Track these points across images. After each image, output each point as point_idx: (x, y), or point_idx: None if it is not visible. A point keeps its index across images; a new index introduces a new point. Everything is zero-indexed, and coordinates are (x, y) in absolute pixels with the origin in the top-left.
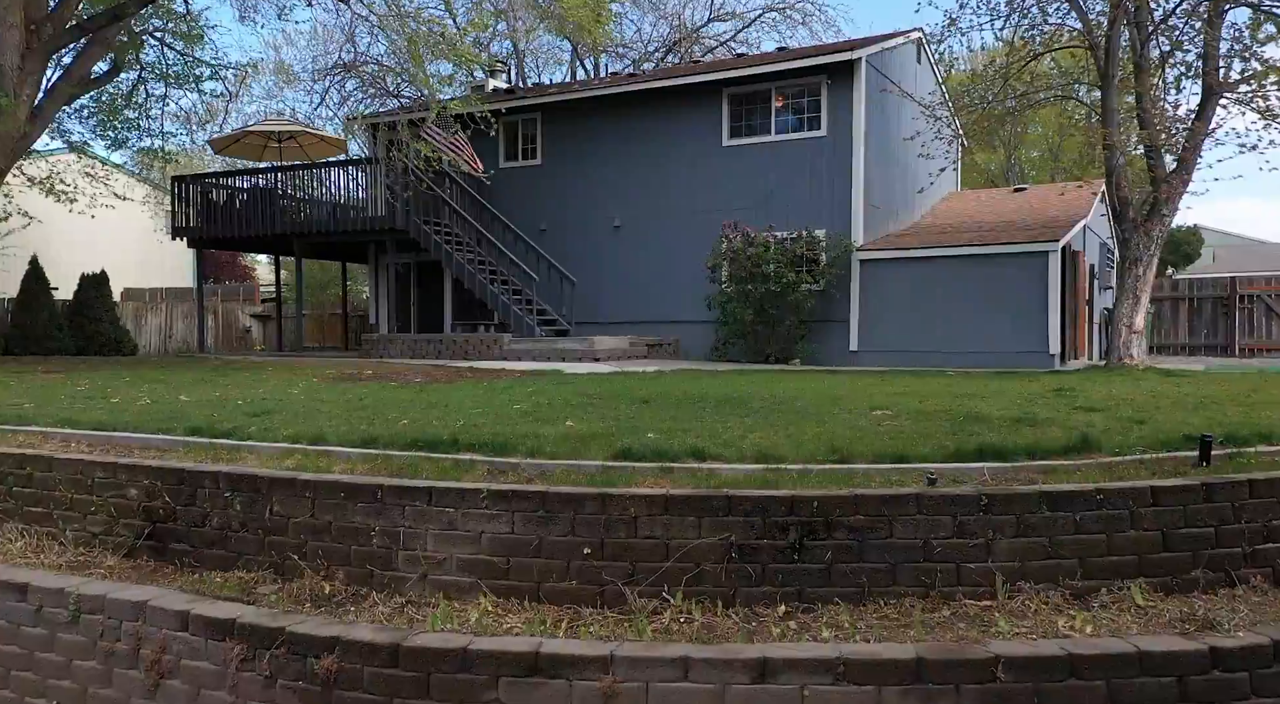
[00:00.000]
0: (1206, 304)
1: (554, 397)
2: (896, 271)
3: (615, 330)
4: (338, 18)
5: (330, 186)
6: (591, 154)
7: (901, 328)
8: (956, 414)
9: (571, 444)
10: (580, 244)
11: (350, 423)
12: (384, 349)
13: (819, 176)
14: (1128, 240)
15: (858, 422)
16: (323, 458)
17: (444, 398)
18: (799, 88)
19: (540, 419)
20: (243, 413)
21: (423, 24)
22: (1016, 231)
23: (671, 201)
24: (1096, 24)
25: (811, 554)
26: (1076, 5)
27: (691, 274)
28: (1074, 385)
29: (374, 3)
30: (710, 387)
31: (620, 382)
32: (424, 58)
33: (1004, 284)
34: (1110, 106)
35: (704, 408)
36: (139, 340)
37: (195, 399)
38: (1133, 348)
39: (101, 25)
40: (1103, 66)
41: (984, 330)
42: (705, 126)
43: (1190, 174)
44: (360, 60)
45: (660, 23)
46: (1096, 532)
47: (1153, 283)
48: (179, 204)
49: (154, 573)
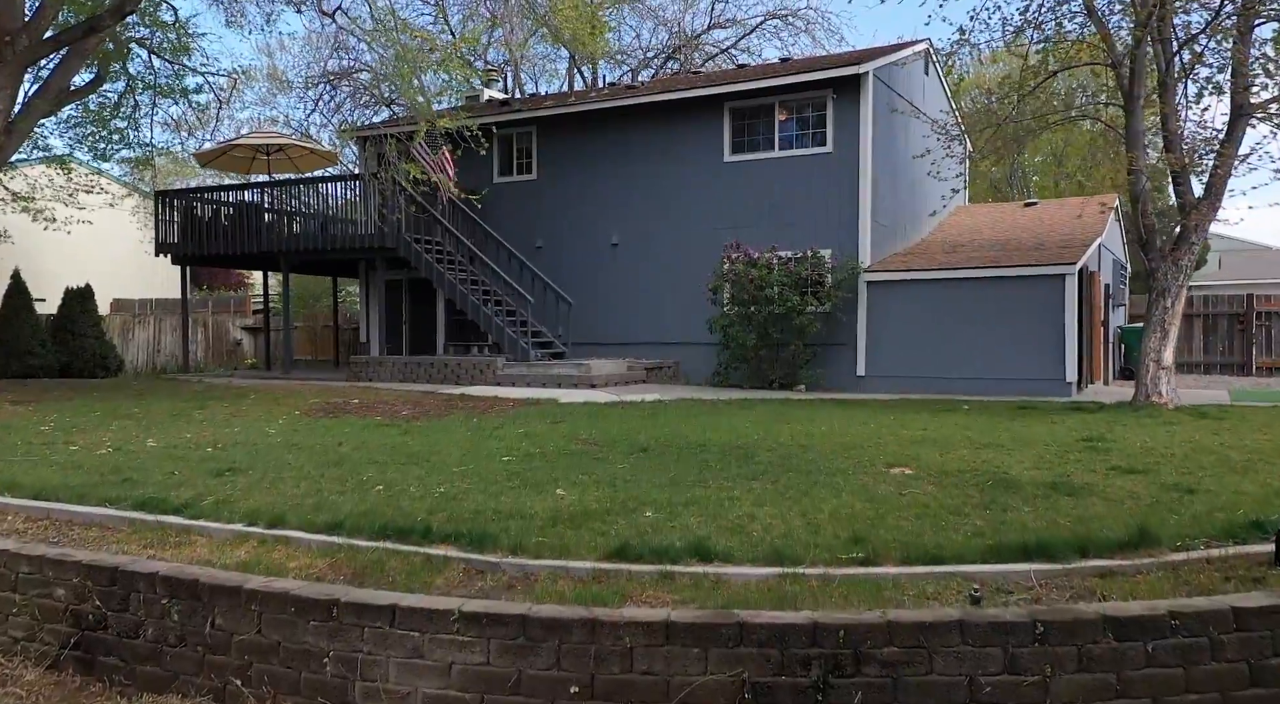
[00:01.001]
0: (1222, 321)
1: (546, 443)
2: (905, 294)
3: (613, 352)
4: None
5: (318, 203)
6: (588, 169)
7: (910, 352)
8: (983, 474)
9: (560, 531)
10: (577, 262)
11: (319, 489)
12: (373, 372)
13: (824, 194)
14: (1155, 270)
15: (876, 487)
16: (279, 547)
17: (428, 444)
18: (803, 102)
19: (528, 483)
20: (207, 470)
21: (412, 37)
22: (1030, 253)
23: (671, 219)
24: (1119, 39)
25: (839, 694)
26: (1097, 19)
27: (692, 294)
28: (1103, 432)
29: (360, 17)
30: (712, 428)
31: (617, 418)
32: (412, 73)
33: (1018, 308)
34: (1135, 128)
35: (707, 461)
36: (126, 355)
37: (163, 444)
38: (1161, 385)
39: (78, 37)
40: (1126, 86)
41: (997, 356)
42: (706, 141)
43: (1219, 199)
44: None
45: (659, 29)
46: (1172, 665)
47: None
48: (163, 220)
49: (79, 692)
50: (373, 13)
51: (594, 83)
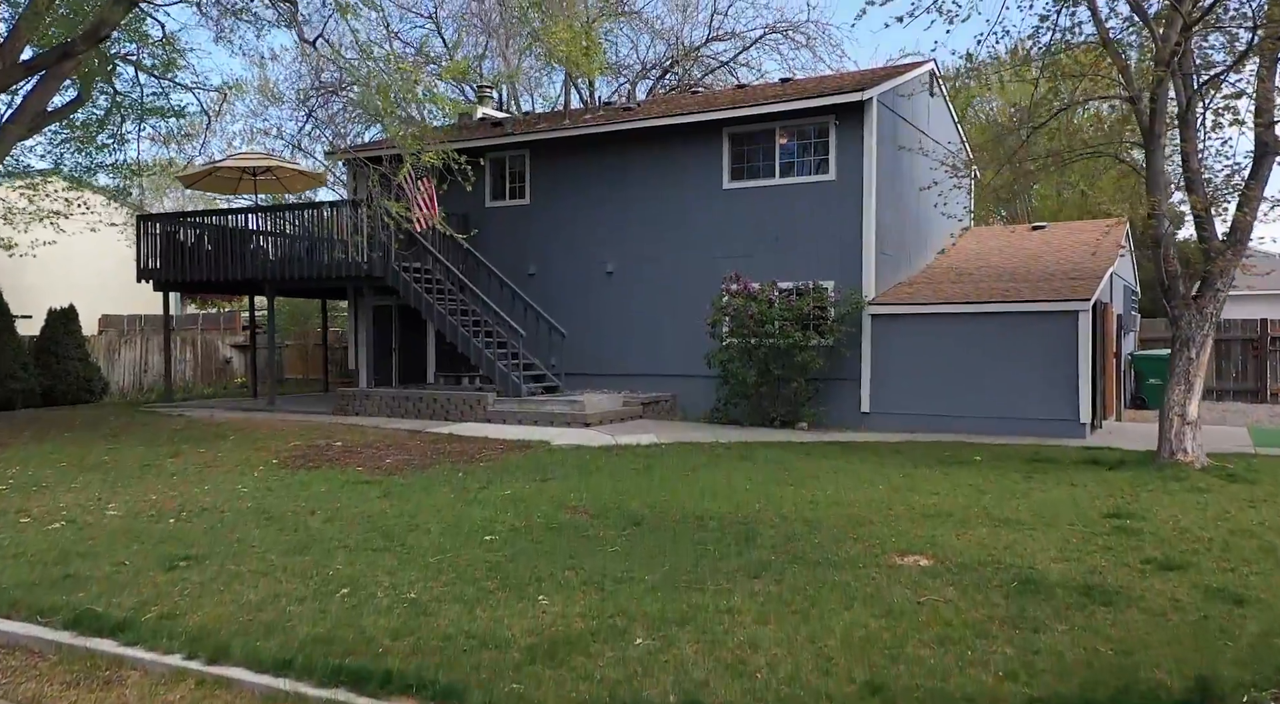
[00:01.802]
0: (1235, 346)
1: (533, 512)
2: (911, 328)
3: (608, 383)
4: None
5: (304, 229)
6: (583, 194)
7: (917, 389)
8: (1005, 570)
9: (538, 671)
10: (571, 289)
11: (278, 594)
12: (361, 405)
13: (827, 223)
14: (1178, 319)
15: (891, 592)
16: (219, 691)
17: (407, 513)
18: (805, 128)
19: (509, 582)
20: (161, 559)
21: (396, 68)
22: (1041, 285)
23: (668, 247)
24: (1138, 74)
25: None
26: (1112, 51)
27: (690, 325)
28: (1128, 503)
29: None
30: (710, 490)
31: (610, 471)
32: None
33: (1029, 345)
34: (1156, 168)
35: (704, 543)
36: (112, 376)
37: (125, 511)
38: (1186, 441)
39: (52, 62)
40: (1146, 123)
41: (1008, 394)
42: (704, 167)
43: (1245, 244)
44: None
45: (657, 42)
46: None
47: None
48: (144, 244)
49: None
50: (355, 41)
51: (591, 97)
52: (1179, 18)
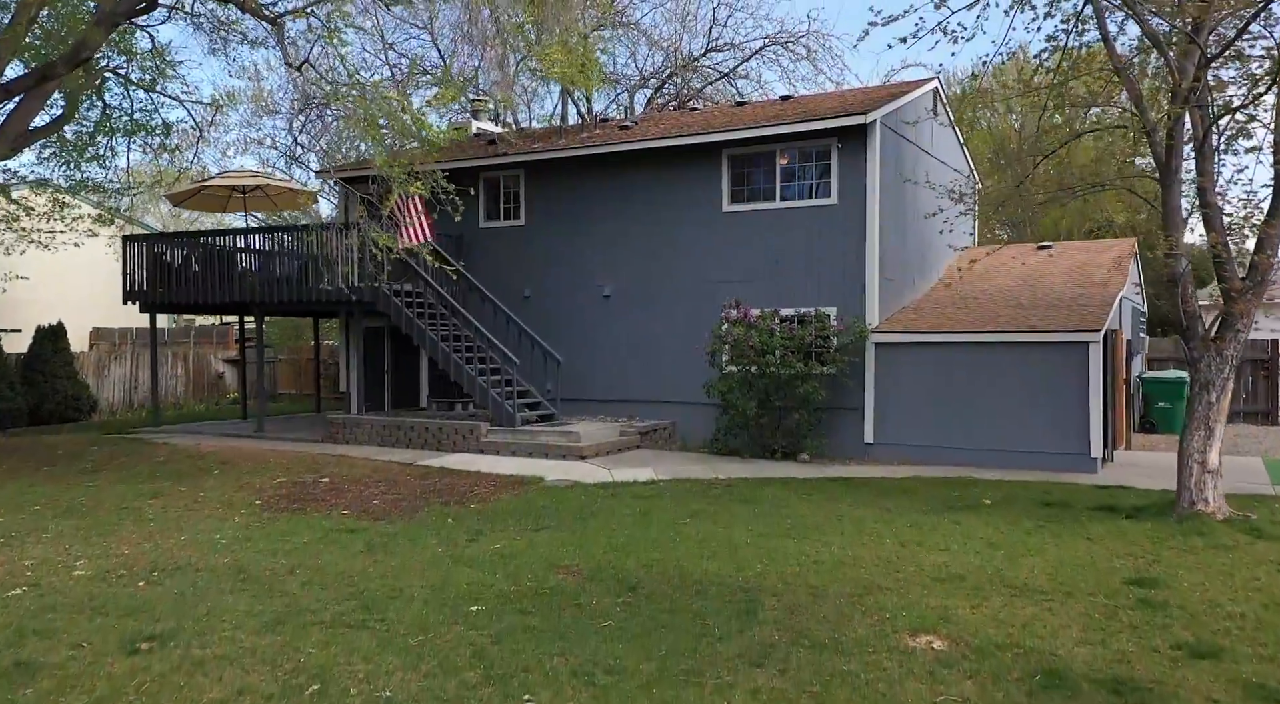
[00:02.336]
0: (1245, 367)
1: (522, 574)
2: (916, 357)
3: (605, 410)
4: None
5: (294, 251)
6: (580, 215)
7: (922, 420)
8: (1026, 655)
9: None
10: (567, 313)
11: (241, 688)
12: (351, 433)
13: (829, 248)
14: (1197, 361)
15: (904, 689)
16: None
17: (390, 575)
18: (806, 149)
19: (493, 673)
20: (123, 640)
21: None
22: (1049, 313)
23: (667, 270)
24: (1148, 94)
25: None
26: (1126, 80)
27: (689, 350)
28: (1152, 569)
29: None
30: (709, 547)
31: (605, 519)
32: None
33: (1037, 376)
34: (1173, 204)
35: (704, 619)
36: (102, 393)
37: (95, 571)
38: (1207, 491)
39: (30, 86)
40: (1162, 156)
41: (1016, 427)
42: (703, 189)
43: (1266, 284)
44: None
45: (654, 52)
46: None
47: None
48: (131, 265)
49: None
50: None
51: (589, 109)
52: (1196, 49)
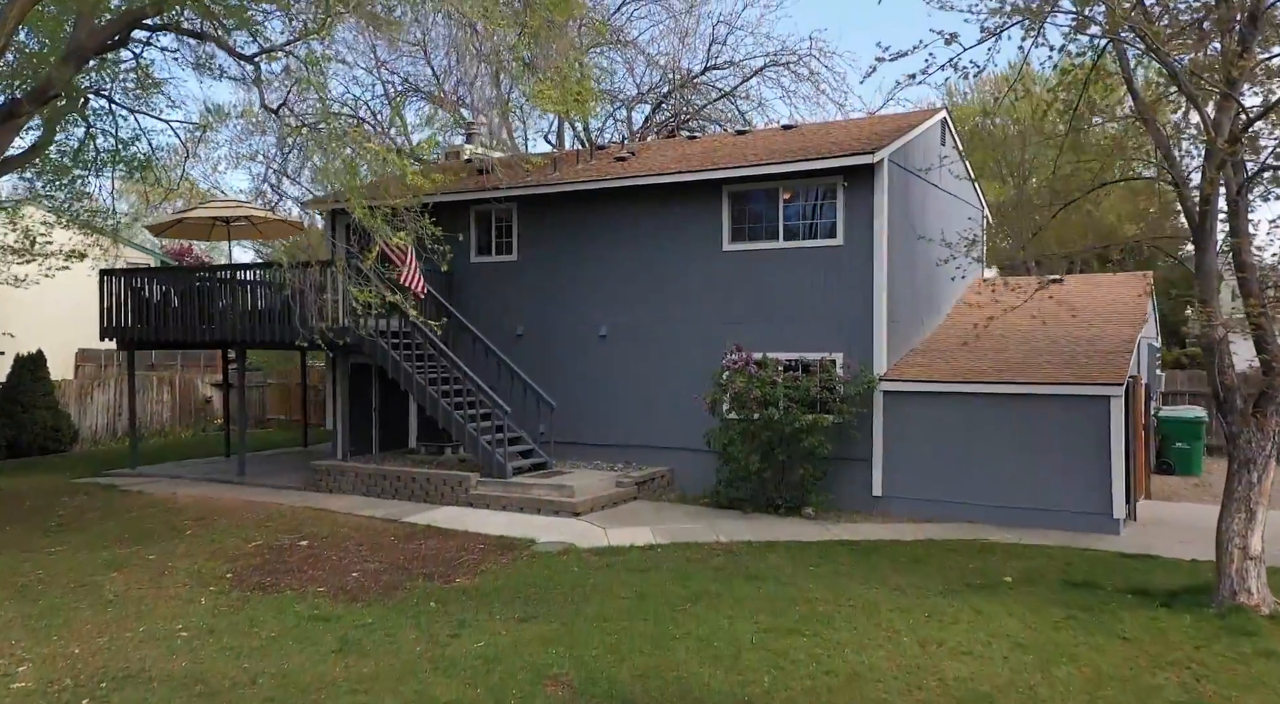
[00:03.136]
0: None
1: (507, 680)
2: (926, 407)
3: (600, 454)
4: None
5: (274, 290)
6: (575, 251)
7: (932, 473)
8: None
9: None
10: (562, 352)
11: None
12: (335, 482)
13: (835, 291)
14: (1235, 436)
15: None
16: None
17: (363, 683)
18: (811, 187)
19: None
20: None
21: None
22: (1067, 361)
23: (666, 310)
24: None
25: None
26: (1154, 131)
27: (688, 394)
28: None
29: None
30: (711, 648)
31: (600, 601)
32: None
33: (1055, 430)
34: (1208, 267)
35: None
36: (84, 421)
37: (35, 681)
38: (1250, 580)
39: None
40: (1195, 216)
41: (1032, 483)
42: (703, 226)
43: None
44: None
45: (652, 70)
46: None
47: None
48: (108, 300)
49: None
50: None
51: (585, 131)
52: (1232, 104)
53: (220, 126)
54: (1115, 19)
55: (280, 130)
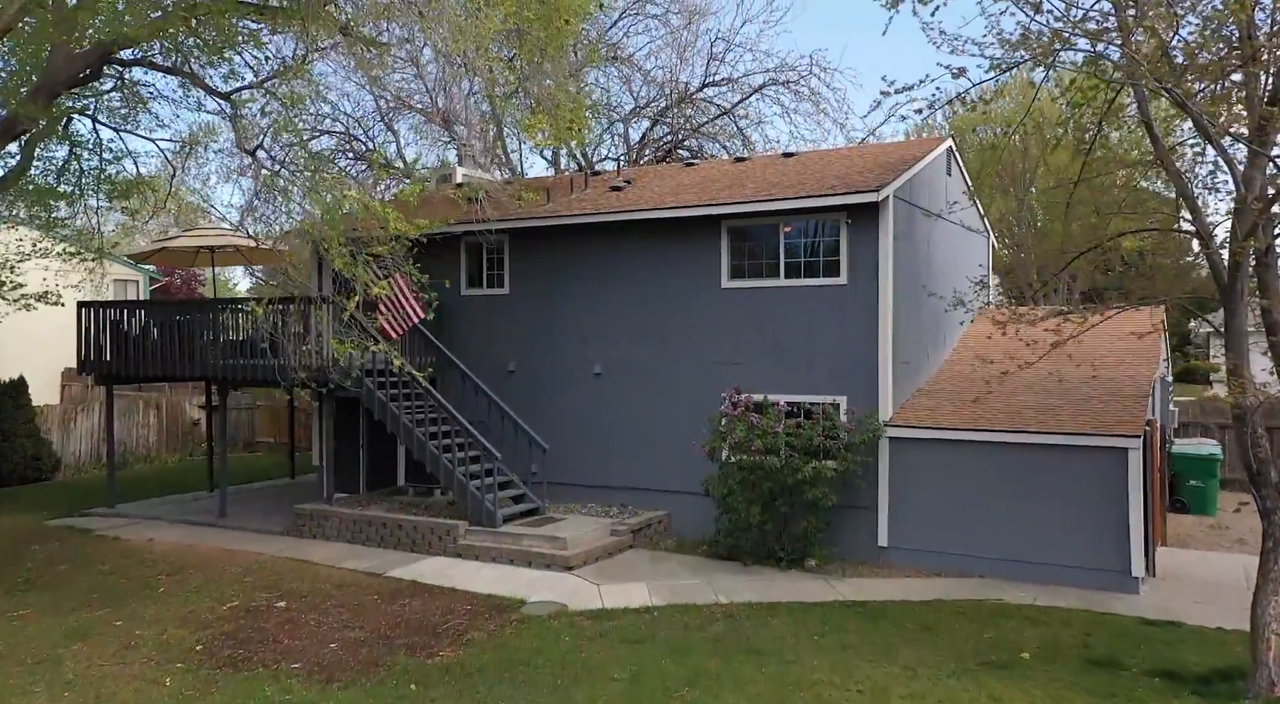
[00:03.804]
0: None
1: None
2: (933, 455)
3: (595, 497)
4: None
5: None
6: (568, 284)
7: (940, 523)
8: None
9: None
10: (555, 390)
11: None
12: (319, 527)
13: (838, 331)
14: (1270, 513)
15: None
16: None
17: None
18: (812, 223)
19: None
20: None
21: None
22: (1079, 405)
23: (662, 348)
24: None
25: None
26: (1179, 181)
27: (685, 435)
28: None
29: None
30: None
31: (590, 684)
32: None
33: (1070, 481)
34: (1238, 329)
35: None
36: (68, 448)
37: None
38: None
39: None
40: (1223, 274)
41: (1045, 537)
42: (701, 262)
43: None
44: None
45: (649, 86)
46: None
47: None
48: (86, 334)
49: None
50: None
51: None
52: (1265, 160)
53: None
54: (1135, 67)
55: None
